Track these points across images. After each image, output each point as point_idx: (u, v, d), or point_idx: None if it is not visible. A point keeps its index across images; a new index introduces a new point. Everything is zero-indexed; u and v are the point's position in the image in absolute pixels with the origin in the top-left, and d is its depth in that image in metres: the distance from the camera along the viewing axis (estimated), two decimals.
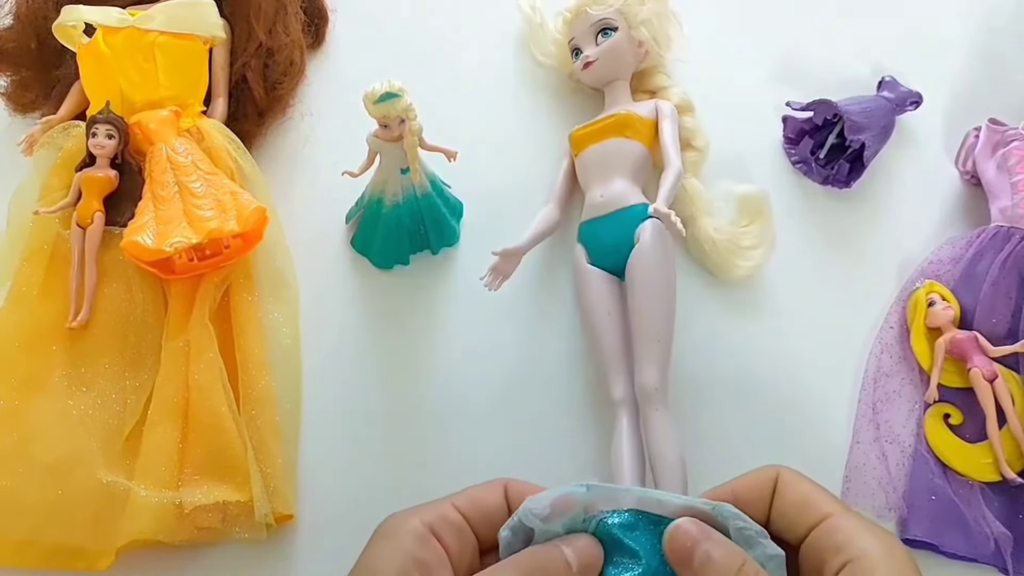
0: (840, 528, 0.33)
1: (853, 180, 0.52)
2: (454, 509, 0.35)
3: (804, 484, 0.35)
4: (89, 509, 0.42)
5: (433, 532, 0.34)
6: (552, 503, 0.34)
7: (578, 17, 0.50)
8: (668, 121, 0.47)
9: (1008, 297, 0.47)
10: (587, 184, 0.47)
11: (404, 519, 0.34)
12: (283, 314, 0.48)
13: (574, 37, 0.50)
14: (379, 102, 0.42)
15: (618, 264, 0.44)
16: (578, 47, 0.50)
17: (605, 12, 0.49)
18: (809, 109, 0.53)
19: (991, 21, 0.59)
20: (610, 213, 0.45)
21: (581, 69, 0.50)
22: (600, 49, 0.49)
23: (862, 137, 0.50)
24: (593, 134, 0.48)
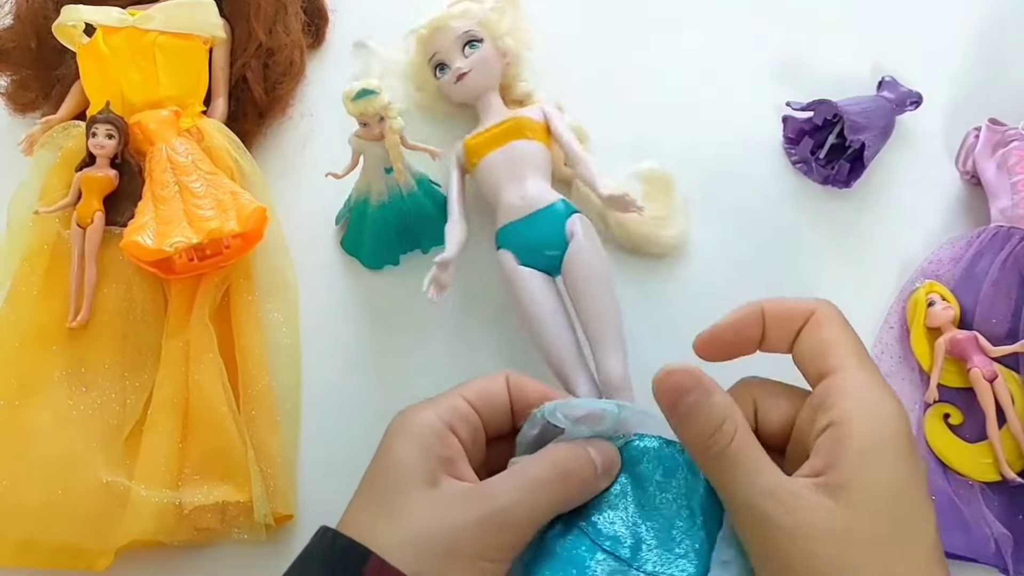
0: (836, 386, 0.32)
1: (853, 180, 0.52)
2: (465, 402, 0.36)
3: (826, 331, 0.34)
4: (89, 509, 0.42)
5: (449, 426, 0.35)
6: (586, 412, 0.35)
7: (439, 32, 0.48)
8: (559, 120, 0.47)
9: (1008, 297, 0.47)
10: (497, 189, 0.46)
11: (421, 416, 0.35)
12: (283, 314, 0.48)
13: (436, 52, 0.49)
14: (356, 100, 0.42)
15: (551, 262, 0.44)
16: (443, 62, 0.49)
17: (470, 24, 0.48)
18: (809, 109, 0.53)
19: (991, 21, 0.59)
20: (533, 212, 0.44)
21: (454, 82, 0.48)
22: (472, 60, 0.48)
23: (862, 137, 0.50)
24: (491, 140, 0.47)
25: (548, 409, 0.35)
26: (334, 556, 0.32)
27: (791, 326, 0.35)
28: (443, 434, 0.34)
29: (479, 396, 0.36)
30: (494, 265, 0.50)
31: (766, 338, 0.36)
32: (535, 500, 0.33)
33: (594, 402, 0.36)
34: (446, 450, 0.34)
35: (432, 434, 0.34)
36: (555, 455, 0.34)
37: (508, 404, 0.37)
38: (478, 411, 0.36)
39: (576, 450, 0.35)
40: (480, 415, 0.36)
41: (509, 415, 0.37)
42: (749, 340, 0.36)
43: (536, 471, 0.34)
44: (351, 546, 0.31)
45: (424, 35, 0.49)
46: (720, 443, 0.32)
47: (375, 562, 0.31)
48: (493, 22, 0.49)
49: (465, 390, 0.37)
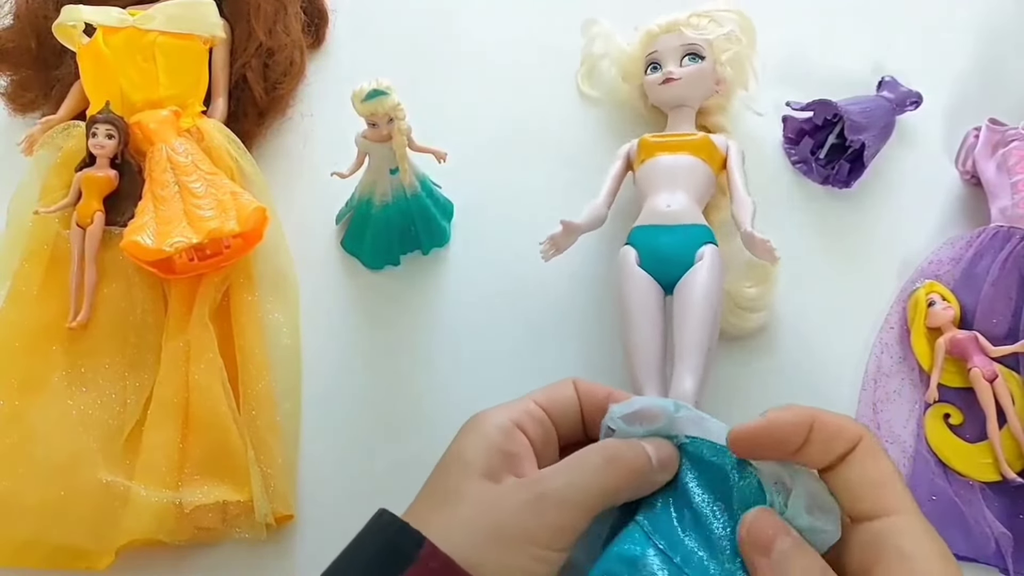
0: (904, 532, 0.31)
1: (853, 180, 0.52)
2: (535, 405, 0.36)
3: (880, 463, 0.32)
4: (89, 509, 0.42)
5: (518, 425, 0.35)
6: (640, 409, 0.35)
7: (669, 34, 0.49)
8: (737, 159, 0.47)
9: (1008, 297, 0.47)
10: (650, 190, 0.46)
11: (490, 414, 0.35)
12: (283, 314, 0.48)
13: (656, 51, 0.50)
14: (366, 100, 0.42)
15: (669, 276, 0.43)
16: (658, 62, 0.50)
17: (700, 38, 0.49)
18: (809, 109, 0.53)
19: (991, 21, 0.59)
20: (674, 225, 0.44)
21: (660, 83, 0.49)
22: (686, 71, 0.49)
23: (862, 137, 0.50)
24: (667, 145, 0.47)
25: (608, 415, 0.35)
26: (387, 537, 0.32)
27: (837, 448, 0.33)
28: (509, 430, 0.35)
29: (548, 399, 0.37)
30: (494, 267, 0.50)
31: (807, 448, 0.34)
32: (586, 482, 0.33)
33: (651, 400, 0.36)
34: (511, 445, 0.34)
35: (498, 431, 0.34)
36: (607, 443, 0.35)
37: (578, 407, 0.37)
38: (549, 414, 0.36)
39: (631, 444, 0.35)
40: (551, 417, 0.36)
41: (580, 419, 0.37)
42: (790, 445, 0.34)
43: (587, 456, 0.34)
44: (404, 529, 0.32)
45: (654, 32, 0.50)
46: None
47: (428, 548, 0.31)
48: (721, 47, 0.49)
49: (535, 395, 0.37)
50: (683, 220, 0.44)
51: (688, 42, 0.49)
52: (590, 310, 0.49)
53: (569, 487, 0.33)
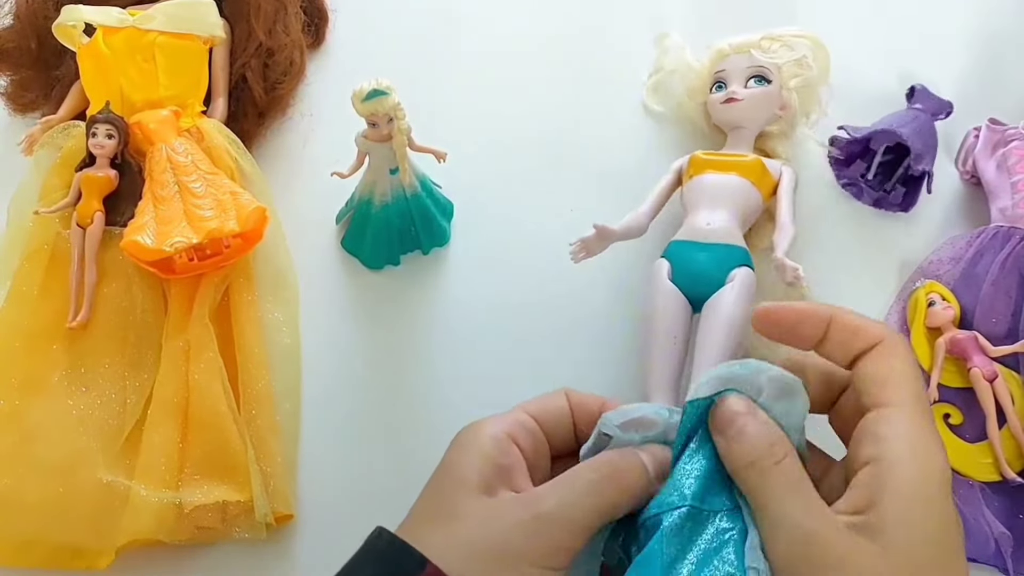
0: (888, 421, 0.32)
1: (910, 205, 0.51)
2: (527, 415, 0.36)
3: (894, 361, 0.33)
4: (89, 509, 0.42)
5: (511, 437, 0.35)
6: (636, 417, 0.35)
7: (739, 54, 0.49)
8: (788, 186, 0.47)
9: (1008, 297, 0.47)
10: (694, 206, 0.46)
11: (482, 426, 0.35)
12: (283, 314, 0.48)
13: (724, 70, 0.49)
14: (366, 100, 0.42)
15: (699, 293, 0.42)
16: (724, 81, 0.49)
17: (768, 62, 0.48)
18: (867, 136, 0.52)
19: (991, 21, 0.59)
20: (711, 243, 0.44)
21: (722, 102, 0.49)
22: (749, 92, 0.48)
23: (925, 166, 0.50)
24: (718, 164, 0.47)
25: (602, 421, 0.35)
26: (389, 558, 0.32)
27: (856, 344, 0.34)
28: (503, 442, 0.34)
29: (540, 410, 0.37)
30: (494, 267, 0.50)
31: (826, 344, 0.35)
32: (582, 502, 0.33)
33: (645, 407, 0.36)
34: (505, 458, 0.34)
35: (492, 443, 0.34)
36: (603, 458, 0.35)
37: (570, 418, 0.37)
38: (540, 424, 0.36)
39: (625, 453, 0.35)
40: (543, 428, 0.36)
41: (572, 430, 0.37)
42: (807, 336, 0.35)
43: (582, 473, 0.34)
44: (406, 550, 0.31)
45: (724, 51, 0.50)
46: (768, 461, 0.32)
47: (431, 569, 0.30)
48: (789, 72, 0.49)
49: (527, 405, 0.37)
50: (721, 239, 0.44)
51: (756, 64, 0.48)
52: (590, 311, 0.49)
53: (567, 507, 0.32)
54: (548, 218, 0.51)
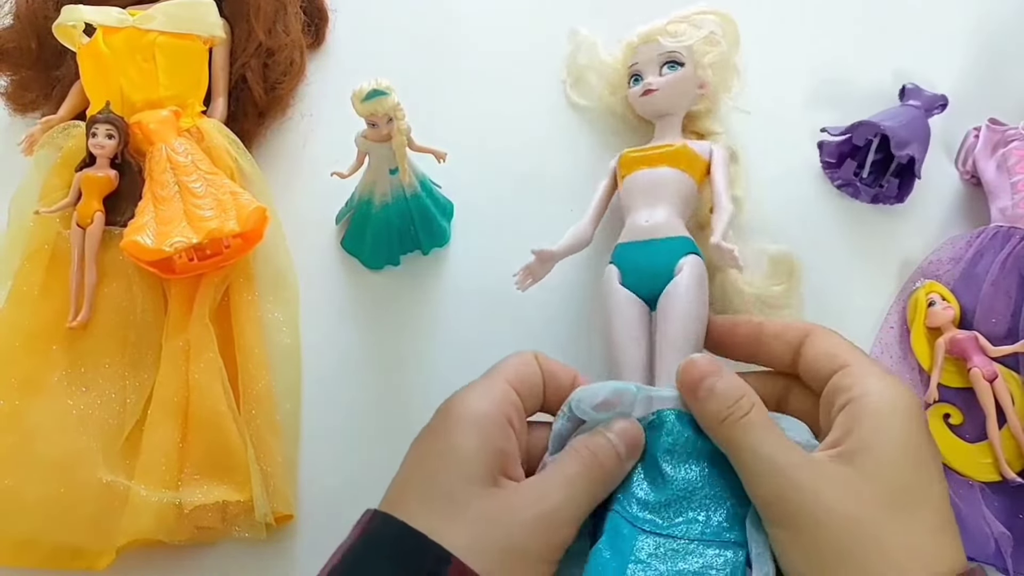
0: (852, 373, 0.35)
1: (905, 195, 0.51)
2: (513, 390, 0.36)
3: (830, 340, 0.37)
4: (89, 509, 0.42)
5: (507, 420, 0.35)
6: (607, 397, 0.36)
7: (647, 44, 0.49)
8: (721, 164, 0.46)
9: (1008, 297, 0.47)
10: (631, 207, 0.46)
11: (479, 405, 0.35)
12: (283, 314, 0.48)
13: (637, 63, 0.49)
14: (366, 100, 0.42)
15: (652, 291, 0.42)
16: (639, 73, 0.49)
17: (677, 46, 0.48)
18: (848, 132, 0.52)
19: (991, 22, 0.59)
20: (652, 240, 0.44)
21: (640, 95, 0.48)
22: (664, 80, 0.48)
23: (909, 152, 0.50)
24: (646, 159, 0.47)
25: (574, 401, 0.36)
26: (406, 552, 0.31)
27: (791, 340, 0.38)
28: (503, 427, 0.35)
29: (521, 381, 0.37)
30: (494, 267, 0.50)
31: (766, 350, 0.39)
32: (577, 496, 0.34)
33: (613, 384, 0.37)
34: (506, 444, 0.35)
35: (494, 427, 0.34)
36: (580, 448, 0.35)
37: (543, 387, 0.38)
38: (522, 397, 0.37)
39: (597, 439, 0.35)
40: (523, 401, 0.37)
41: (542, 399, 0.38)
42: (744, 341, 0.39)
43: (572, 468, 0.34)
44: (424, 543, 0.31)
45: (633, 43, 0.49)
46: (737, 414, 0.34)
47: (457, 566, 0.30)
48: (700, 50, 0.48)
49: (509, 374, 0.37)
50: (661, 234, 0.43)
51: (666, 50, 0.48)
52: (590, 310, 0.49)
53: (570, 503, 0.33)
54: (548, 218, 0.51)
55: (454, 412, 0.35)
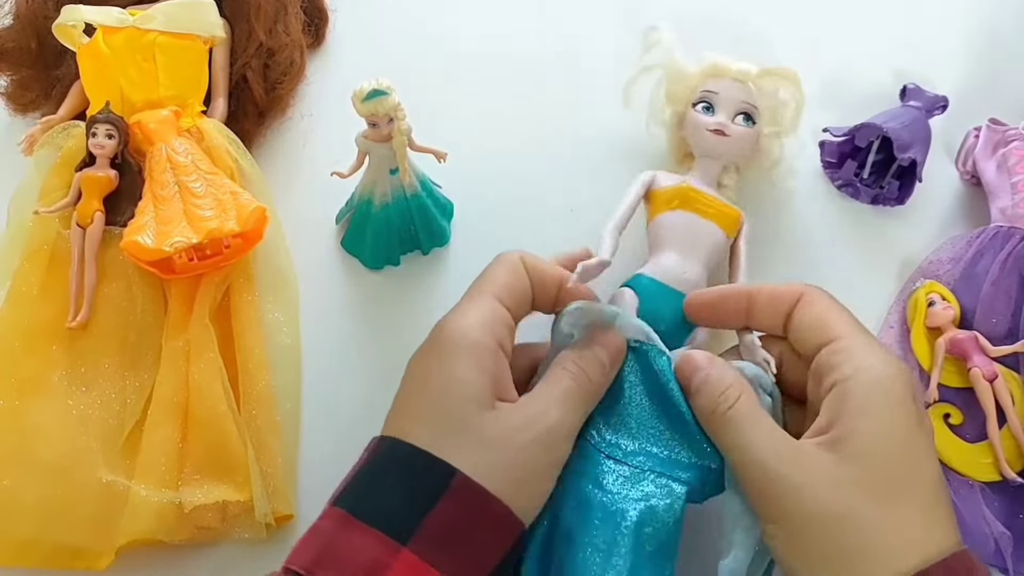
0: (842, 349, 0.35)
1: (906, 196, 0.51)
2: (504, 309, 0.37)
3: (820, 306, 0.37)
4: (89, 509, 0.42)
5: (500, 345, 0.36)
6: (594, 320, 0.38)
7: (735, 81, 0.47)
8: (745, 239, 0.46)
9: (1008, 297, 0.47)
10: (665, 243, 0.44)
11: (473, 332, 0.36)
12: (283, 314, 0.48)
13: (716, 92, 0.47)
14: (366, 100, 0.42)
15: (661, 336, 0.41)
16: (712, 104, 0.47)
17: (760, 104, 0.47)
18: (850, 134, 0.52)
19: (991, 21, 0.59)
20: (683, 293, 0.42)
21: (710, 130, 0.46)
22: (739, 131, 0.46)
23: (911, 154, 0.50)
24: (701, 206, 0.45)
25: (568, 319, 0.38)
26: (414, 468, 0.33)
27: (781, 307, 0.38)
28: (496, 353, 0.36)
29: (511, 297, 0.38)
30: None
31: (756, 316, 0.39)
32: (572, 412, 0.35)
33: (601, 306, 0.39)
34: (499, 370, 0.35)
35: (488, 354, 0.35)
36: (570, 365, 0.36)
37: (531, 294, 0.38)
38: (511, 311, 0.37)
39: (584, 353, 0.37)
40: (512, 314, 0.38)
41: (530, 300, 0.39)
42: (734, 311, 0.39)
43: (565, 385, 0.36)
44: (431, 460, 0.33)
45: (722, 69, 0.47)
46: (723, 406, 0.35)
47: (461, 479, 0.32)
48: (776, 118, 0.47)
49: (499, 290, 0.37)
50: (689, 289, 0.43)
51: (749, 101, 0.47)
52: None
53: (564, 420, 0.35)
54: (548, 218, 0.51)
55: (450, 339, 0.36)
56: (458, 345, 0.35)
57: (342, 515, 0.33)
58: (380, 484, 0.33)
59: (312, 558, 0.32)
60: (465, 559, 0.32)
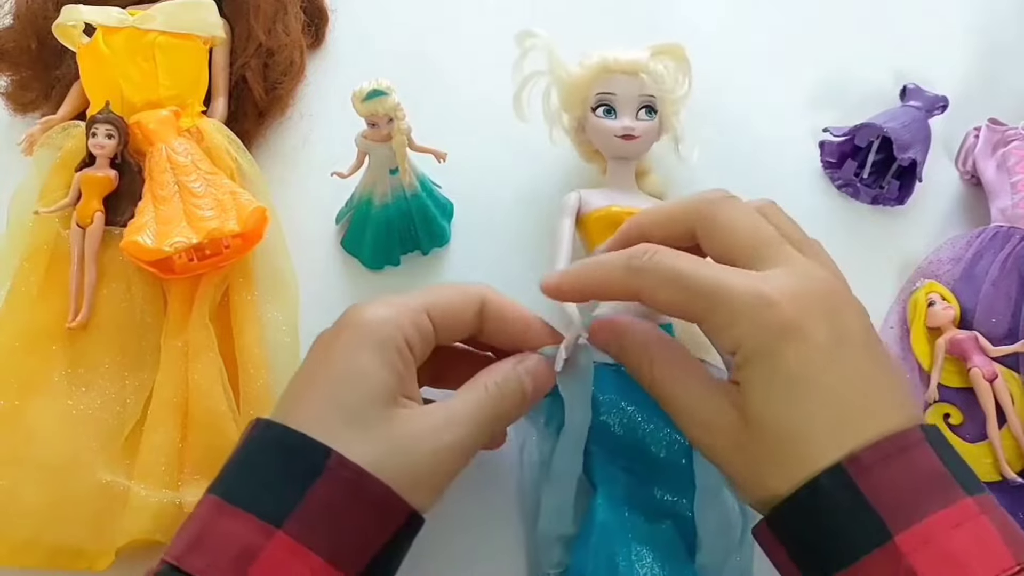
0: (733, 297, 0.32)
1: (906, 197, 0.51)
2: (428, 320, 0.36)
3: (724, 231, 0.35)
4: (89, 509, 0.42)
5: (409, 345, 0.35)
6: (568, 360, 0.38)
7: (627, 77, 0.45)
8: None
9: (1008, 297, 0.47)
10: None
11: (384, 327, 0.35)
12: (282, 313, 0.48)
13: (612, 94, 0.45)
14: (366, 100, 0.42)
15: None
16: (613, 107, 0.46)
17: (661, 92, 0.46)
18: (851, 134, 0.52)
19: (991, 22, 0.59)
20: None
21: (618, 135, 0.45)
22: (644, 127, 0.46)
23: (911, 154, 0.50)
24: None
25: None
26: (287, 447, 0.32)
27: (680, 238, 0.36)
28: (403, 350, 0.35)
29: (443, 316, 0.37)
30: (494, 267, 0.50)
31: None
32: (478, 433, 0.35)
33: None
34: (404, 367, 0.35)
35: (394, 350, 0.34)
36: (490, 384, 0.36)
37: (470, 328, 0.38)
38: (437, 330, 0.36)
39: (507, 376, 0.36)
40: (437, 333, 0.37)
41: (466, 333, 0.38)
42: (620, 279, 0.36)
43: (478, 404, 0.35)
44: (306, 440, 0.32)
45: (611, 67, 0.45)
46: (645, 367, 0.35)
47: (336, 458, 0.31)
48: (672, 103, 0.46)
49: (432, 306, 0.36)
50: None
51: (647, 92, 0.46)
52: None
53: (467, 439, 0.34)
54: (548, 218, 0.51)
55: (355, 326, 0.35)
56: (363, 335, 0.34)
57: (215, 501, 0.32)
58: (253, 467, 0.33)
59: (184, 547, 0.31)
60: (344, 541, 0.31)
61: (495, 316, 0.38)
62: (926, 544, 0.28)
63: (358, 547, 0.31)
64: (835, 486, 0.29)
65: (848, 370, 0.31)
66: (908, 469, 0.29)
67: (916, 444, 0.30)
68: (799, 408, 0.30)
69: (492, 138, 0.53)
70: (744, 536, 0.39)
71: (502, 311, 0.38)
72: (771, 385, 0.31)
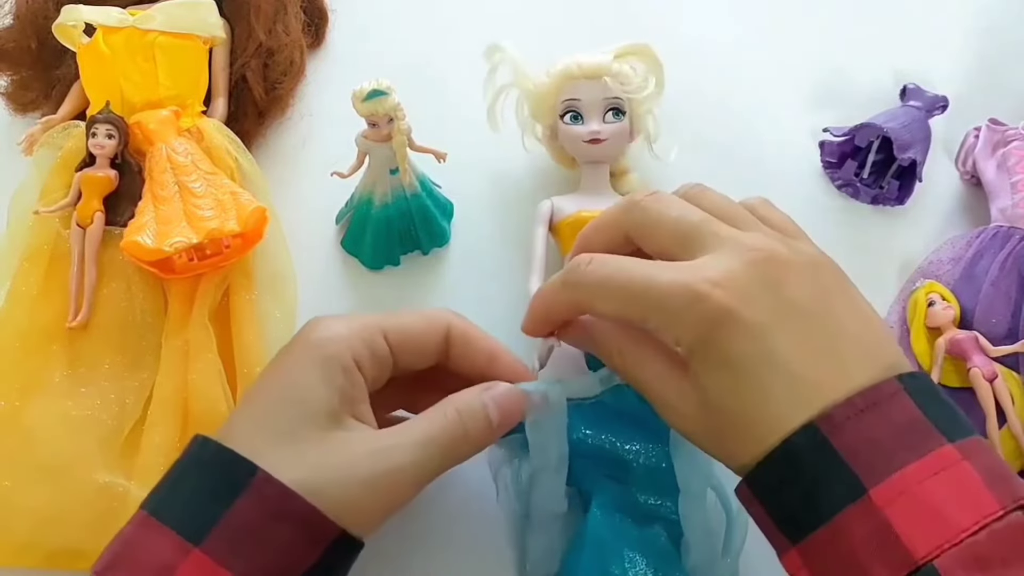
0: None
1: (906, 197, 0.51)
2: (385, 343, 0.35)
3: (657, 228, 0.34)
4: (89, 510, 0.42)
5: (358, 365, 0.34)
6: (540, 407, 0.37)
7: (591, 82, 0.45)
8: None
9: (1008, 297, 0.47)
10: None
11: (333, 345, 0.34)
12: (282, 313, 0.48)
13: (578, 100, 0.46)
14: (366, 100, 0.42)
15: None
16: (579, 112, 0.46)
17: (623, 93, 0.46)
18: (850, 134, 0.52)
19: (991, 22, 0.59)
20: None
21: (586, 141, 0.46)
22: (611, 129, 0.46)
23: (911, 154, 0.50)
24: None
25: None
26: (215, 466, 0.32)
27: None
28: (349, 370, 0.34)
29: (403, 340, 0.36)
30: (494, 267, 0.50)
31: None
32: (428, 461, 0.33)
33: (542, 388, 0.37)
34: (351, 388, 0.34)
35: (339, 368, 0.33)
36: (450, 410, 0.34)
37: (434, 354, 0.37)
38: (395, 355, 0.36)
39: (472, 403, 0.35)
40: (395, 359, 0.36)
41: (430, 359, 0.37)
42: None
43: (431, 430, 0.34)
44: (235, 459, 0.31)
45: (574, 74, 0.46)
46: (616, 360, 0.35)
47: (262, 475, 0.31)
48: (642, 101, 0.46)
49: (391, 329, 0.36)
50: None
51: (611, 95, 0.46)
52: None
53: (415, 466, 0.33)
54: None
55: (304, 343, 0.35)
56: (309, 354, 0.34)
57: (143, 516, 0.32)
58: (181, 483, 0.32)
59: (107, 561, 0.31)
60: (266, 561, 0.30)
61: (460, 343, 0.37)
62: (901, 495, 0.27)
63: (281, 568, 0.31)
64: (807, 445, 0.28)
65: (797, 338, 0.30)
66: (883, 422, 0.28)
67: (891, 396, 0.29)
68: (749, 391, 0.30)
69: (492, 138, 0.53)
70: (731, 537, 0.39)
71: (467, 338, 0.37)
72: (717, 375, 0.30)
